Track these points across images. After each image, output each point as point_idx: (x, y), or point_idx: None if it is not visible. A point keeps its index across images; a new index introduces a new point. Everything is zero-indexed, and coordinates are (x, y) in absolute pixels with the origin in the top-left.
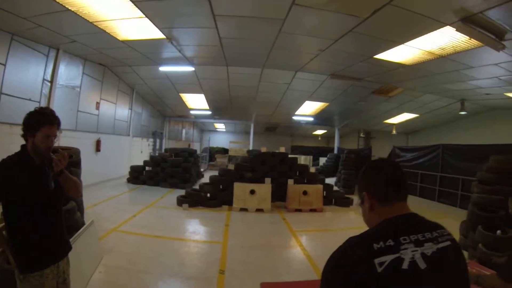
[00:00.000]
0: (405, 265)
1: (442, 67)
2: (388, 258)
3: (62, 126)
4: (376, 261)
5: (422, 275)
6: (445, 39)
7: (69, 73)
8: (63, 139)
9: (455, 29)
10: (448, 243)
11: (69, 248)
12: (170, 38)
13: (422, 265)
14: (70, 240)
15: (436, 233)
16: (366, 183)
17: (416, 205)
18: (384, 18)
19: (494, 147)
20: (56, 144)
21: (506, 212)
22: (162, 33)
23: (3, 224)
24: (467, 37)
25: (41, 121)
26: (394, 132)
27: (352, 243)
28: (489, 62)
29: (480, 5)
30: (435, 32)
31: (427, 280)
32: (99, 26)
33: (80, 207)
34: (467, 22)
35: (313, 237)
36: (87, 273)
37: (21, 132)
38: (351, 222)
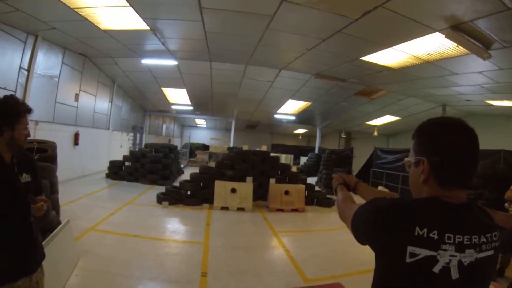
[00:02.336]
0: (436, 269)
1: (427, 72)
2: (422, 253)
3: (38, 118)
4: (409, 249)
5: (449, 285)
6: (433, 45)
7: (47, 62)
8: (40, 132)
9: (444, 35)
10: (490, 252)
11: (42, 257)
12: (154, 30)
13: (454, 274)
14: (44, 242)
15: (485, 238)
16: (431, 150)
17: None
18: (374, 21)
19: None
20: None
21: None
22: (146, 24)
23: None
24: (455, 44)
25: (20, 111)
26: (375, 133)
27: (400, 209)
28: (474, 70)
29: (471, 14)
30: (424, 37)
31: None
32: (80, 13)
33: (55, 205)
34: (456, 30)
35: (295, 238)
36: (62, 277)
37: None
38: (333, 223)
